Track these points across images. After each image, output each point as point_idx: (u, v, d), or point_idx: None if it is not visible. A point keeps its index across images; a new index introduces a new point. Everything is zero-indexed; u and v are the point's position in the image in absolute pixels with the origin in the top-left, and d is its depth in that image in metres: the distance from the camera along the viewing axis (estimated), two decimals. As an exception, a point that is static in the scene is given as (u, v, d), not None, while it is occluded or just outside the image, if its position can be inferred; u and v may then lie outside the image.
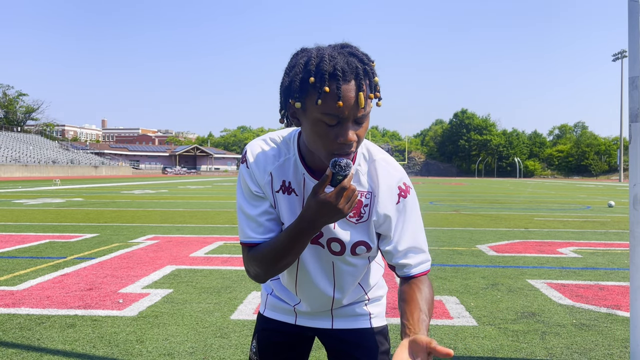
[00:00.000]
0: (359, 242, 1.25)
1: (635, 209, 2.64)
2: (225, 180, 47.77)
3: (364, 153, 1.25)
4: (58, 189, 25.36)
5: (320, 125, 1.06)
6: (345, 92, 1.02)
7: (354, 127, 1.07)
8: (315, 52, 1.07)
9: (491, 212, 13.71)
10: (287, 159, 1.24)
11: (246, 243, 1.25)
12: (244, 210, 1.25)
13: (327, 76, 1.02)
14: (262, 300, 1.52)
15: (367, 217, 1.24)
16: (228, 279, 5.14)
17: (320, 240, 1.27)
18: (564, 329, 3.64)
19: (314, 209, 1.09)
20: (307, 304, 1.40)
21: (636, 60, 2.60)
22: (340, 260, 1.29)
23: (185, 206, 14.81)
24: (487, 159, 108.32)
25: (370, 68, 1.07)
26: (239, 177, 1.27)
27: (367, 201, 1.23)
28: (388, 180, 1.23)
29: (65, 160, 68.41)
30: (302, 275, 1.33)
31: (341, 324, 1.43)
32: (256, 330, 1.50)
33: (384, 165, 1.24)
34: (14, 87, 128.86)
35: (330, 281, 1.34)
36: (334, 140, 1.06)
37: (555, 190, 32.18)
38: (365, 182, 1.24)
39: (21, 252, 6.59)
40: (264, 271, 1.22)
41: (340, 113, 1.03)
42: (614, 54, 65.35)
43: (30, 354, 3.07)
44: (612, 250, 7.18)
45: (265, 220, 1.23)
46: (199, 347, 3.20)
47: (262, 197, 1.24)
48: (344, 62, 1.04)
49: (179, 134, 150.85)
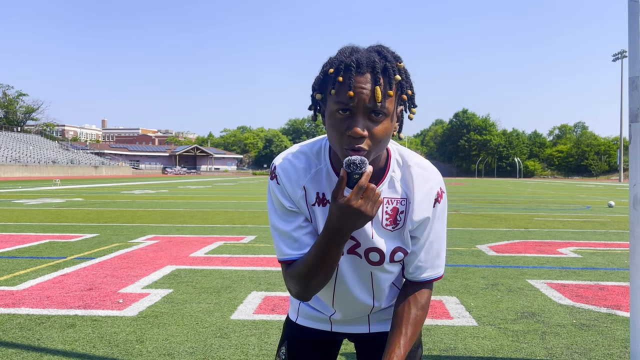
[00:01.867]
0: (397, 249, 1.24)
1: (635, 209, 2.64)
2: (225, 181, 47.78)
3: (398, 159, 1.22)
4: (58, 189, 25.36)
5: (334, 116, 1.06)
6: (357, 82, 1.02)
7: (367, 122, 1.04)
8: (345, 47, 1.09)
9: (491, 212, 13.71)
10: (319, 170, 1.20)
11: (283, 261, 1.20)
12: (278, 227, 1.21)
13: (343, 67, 1.03)
14: (293, 307, 1.47)
15: (402, 224, 1.22)
16: (228, 279, 5.14)
17: (357, 250, 1.23)
18: (564, 329, 3.63)
19: (335, 216, 1.05)
20: (344, 314, 1.37)
21: (636, 60, 2.60)
22: (379, 270, 1.26)
23: (185, 206, 14.81)
24: (487, 159, 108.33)
25: (392, 65, 1.05)
26: (269, 194, 1.23)
27: (403, 208, 1.21)
28: (424, 186, 1.21)
29: (65, 160, 68.41)
30: (340, 288, 1.30)
31: (378, 327, 1.41)
32: (286, 336, 1.46)
33: (419, 171, 1.21)
34: (14, 87, 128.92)
35: (369, 291, 1.31)
36: (345, 132, 1.05)
37: (555, 190, 32.18)
38: (400, 189, 1.21)
39: (21, 252, 6.59)
40: (304, 289, 1.17)
41: (351, 103, 1.03)
42: (614, 54, 65.35)
43: (30, 354, 3.07)
44: (612, 250, 7.18)
45: (302, 235, 1.19)
46: (199, 347, 3.20)
47: (296, 211, 1.20)
48: (364, 57, 1.04)
49: (179, 134, 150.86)
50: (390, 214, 1.20)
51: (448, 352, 3.18)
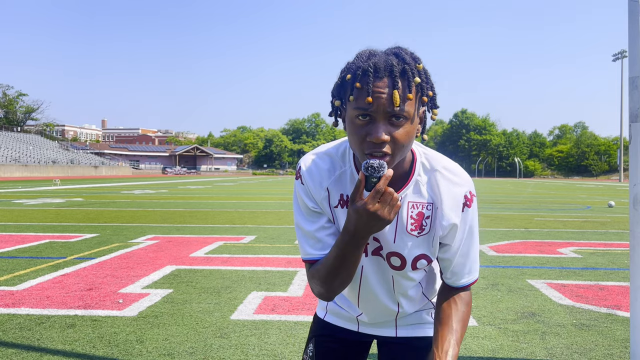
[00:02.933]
0: (420, 256, 1.22)
1: (635, 209, 2.64)
2: (225, 181, 47.78)
3: (424, 162, 1.21)
4: (58, 189, 25.36)
5: (354, 122, 1.05)
6: (375, 87, 1.00)
7: (388, 127, 1.02)
8: (363, 51, 1.07)
9: (491, 212, 13.71)
10: (343, 172, 1.20)
11: (307, 260, 1.22)
12: (302, 227, 1.22)
13: (360, 72, 1.02)
14: (322, 304, 1.48)
15: (428, 230, 1.20)
16: (228, 279, 5.14)
17: (381, 253, 1.23)
18: (564, 329, 3.63)
19: (352, 219, 1.05)
20: (370, 316, 1.37)
21: (636, 60, 2.60)
22: (401, 275, 1.26)
23: (185, 206, 14.81)
24: (487, 159, 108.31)
25: (410, 68, 1.03)
26: (294, 193, 1.24)
27: (429, 213, 1.19)
28: (452, 191, 1.18)
29: (65, 160, 68.41)
30: (365, 290, 1.30)
31: (405, 332, 1.40)
32: (314, 334, 1.46)
33: (447, 175, 1.20)
34: (14, 87, 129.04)
35: (392, 296, 1.31)
36: (365, 138, 1.04)
37: (555, 190, 32.18)
38: (426, 193, 1.19)
39: (21, 252, 6.59)
40: (325, 289, 1.18)
41: (369, 108, 1.01)
42: (614, 54, 65.38)
43: (30, 354, 3.07)
44: (612, 250, 7.18)
45: (325, 236, 1.20)
46: (199, 347, 3.20)
47: (320, 212, 1.21)
48: (382, 60, 1.02)
49: (179, 134, 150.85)
50: (416, 219, 1.19)
51: (448, 352, 3.18)
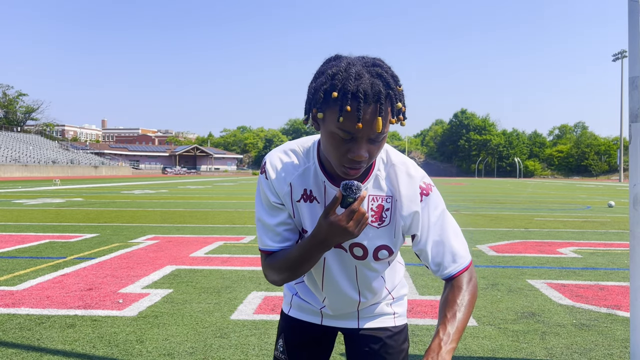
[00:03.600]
0: (381, 247, 1.28)
1: (635, 209, 2.64)
2: (225, 181, 47.77)
3: (383, 157, 1.27)
4: (58, 189, 25.36)
5: (336, 137, 1.09)
6: (364, 114, 1.04)
7: (368, 145, 1.09)
8: (344, 65, 1.08)
9: (491, 212, 13.71)
10: (307, 168, 1.26)
11: (264, 250, 1.30)
12: (263, 220, 1.29)
13: (350, 95, 1.04)
14: (286, 300, 1.55)
15: (389, 221, 1.26)
16: (228, 279, 5.14)
17: (343, 245, 1.29)
18: (564, 329, 3.63)
19: (324, 230, 1.13)
20: (333, 307, 1.42)
21: (636, 60, 2.60)
22: (363, 265, 1.32)
23: (185, 206, 14.81)
24: (487, 159, 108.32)
25: (394, 93, 1.08)
26: (258, 188, 1.30)
27: (389, 205, 1.26)
28: (408, 182, 1.25)
29: (65, 160, 68.41)
30: (328, 280, 1.36)
31: (367, 323, 1.46)
32: (282, 329, 1.53)
33: (402, 168, 1.26)
34: (14, 87, 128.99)
35: (355, 286, 1.36)
36: (345, 154, 1.09)
37: (555, 190, 32.18)
38: (385, 186, 1.26)
39: (21, 252, 6.59)
40: (280, 279, 1.28)
41: (356, 132, 1.06)
42: (614, 54, 65.35)
43: (30, 354, 3.07)
44: (612, 250, 7.18)
45: (283, 230, 1.28)
46: (199, 347, 3.20)
47: (281, 207, 1.27)
48: (369, 84, 1.05)
49: (179, 134, 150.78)
50: (376, 211, 1.25)
51: (448, 352, 3.18)
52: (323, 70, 1.11)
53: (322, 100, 1.08)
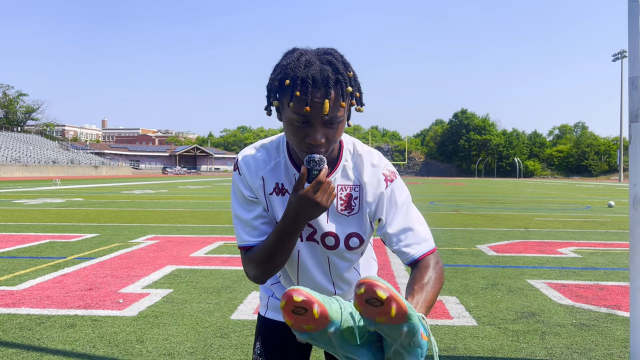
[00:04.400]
0: (352, 234, 1.31)
1: (635, 209, 2.64)
2: (225, 180, 47.77)
3: (350, 149, 1.32)
4: (58, 189, 25.36)
5: (292, 123, 1.15)
6: (312, 97, 1.11)
7: (324, 129, 1.14)
8: (297, 55, 1.15)
9: (491, 212, 13.71)
10: (278, 163, 1.31)
11: (242, 247, 1.31)
12: (239, 215, 1.32)
13: (299, 81, 1.11)
14: (263, 303, 1.57)
15: (357, 209, 1.30)
16: (228, 279, 5.14)
17: (315, 237, 1.32)
18: (564, 329, 3.64)
19: (294, 205, 1.16)
20: None
21: (636, 60, 2.60)
22: (335, 255, 1.34)
23: (185, 206, 14.81)
24: (487, 159, 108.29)
25: (343, 78, 1.13)
26: (232, 185, 1.34)
27: (357, 194, 1.30)
28: (372, 170, 1.30)
29: (65, 160, 68.42)
30: (303, 274, 1.38)
31: None
32: (259, 332, 1.53)
33: (367, 157, 1.31)
34: (14, 87, 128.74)
35: (328, 277, 1.38)
36: (303, 139, 1.15)
37: (555, 190, 32.18)
38: (352, 176, 1.30)
39: (21, 252, 6.59)
40: (261, 272, 1.28)
41: (307, 115, 1.12)
42: (614, 54, 65.36)
43: (30, 354, 3.07)
44: (612, 250, 7.18)
45: (260, 224, 1.30)
46: (199, 347, 3.20)
47: (256, 201, 1.30)
48: (318, 70, 1.12)
49: (179, 134, 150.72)
50: (345, 200, 1.30)
51: (448, 352, 3.18)
52: (279, 63, 1.18)
53: (277, 88, 1.16)
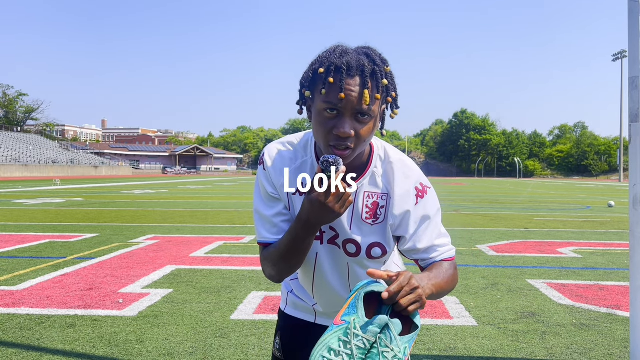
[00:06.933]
0: (374, 244, 1.26)
1: (635, 209, 2.64)
2: (225, 180, 47.76)
3: (381, 154, 1.26)
4: (58, 189, 25.36)
5: (322, 115, 1.10)
6: (347, 85, 1.06)
7: (354, 123, 1.09)
8: (334, 48, 1.13)
9: (491, 212, 13.71)
10: (304, 162, 1.27)
11: (261, 243, 1.28)
12: (260, 211, 1.28)
13: (334, 68, 1.07)
14: (283, 297, 1.54)
15: (383, 219, 1.25)
16: (228, 279, 5.14)
17: (337, 241, 1.28)
18: (564, 329, 3.64)
19: (306, 209, 1.12)
20: (324, 305, 1.41)
21: (636, 60, 2.60)
22: (356, 263, 1.30)
23: (185, 206, 14.81)
24: (487, 159, 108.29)
25: (379, 69, 1.10)
26: (256, 179, 1.30)
27: (384, 202, 1.24)
28: (404, 182, 1.24)
29: (65, 160, 68.41)
30: (319, 278, 1.35)
31: None
32: (279, 327, 1.52)
33: (400, 167, 1.25)
34: (14, 87, 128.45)
35: (346, 284, 1.34)
36: (331, 131, 1.10)
37: (555, 190, 32.19)
38: (381, 184, 1.25)
39: (21, 252, 6.59)
40: (276, 271, 1.25)
41: (340, 104, 1.07)
42: (614, 54, 65.35)
43: (30, 354, 3.07)
44: (612, 250, 7.18)
45: (280, 221, 1.26)
46: (199, 347, 3.20)
47: (278, 198, 1.27)
48: (354, 59, 1.08)
49: (179, 134, 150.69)
50: (371, 208, 1.25)
51: (448, 352, 3.18)
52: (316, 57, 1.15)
53: (311, 78, 1.12)
